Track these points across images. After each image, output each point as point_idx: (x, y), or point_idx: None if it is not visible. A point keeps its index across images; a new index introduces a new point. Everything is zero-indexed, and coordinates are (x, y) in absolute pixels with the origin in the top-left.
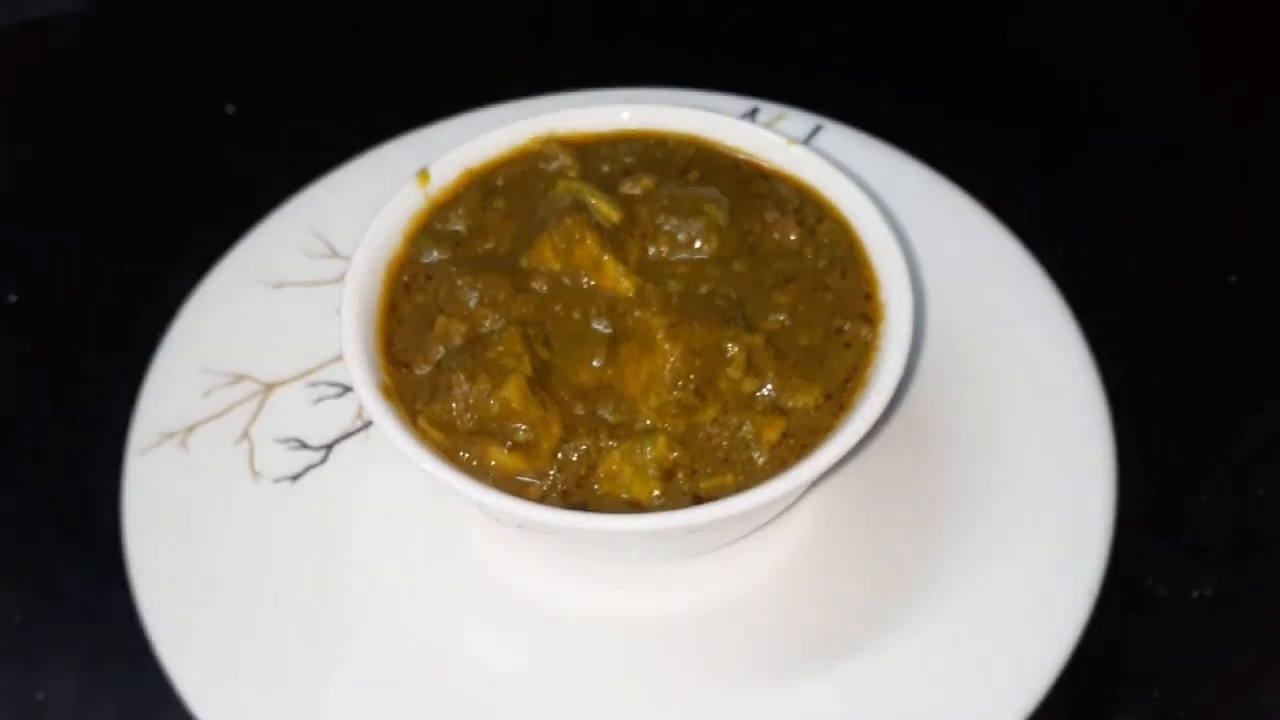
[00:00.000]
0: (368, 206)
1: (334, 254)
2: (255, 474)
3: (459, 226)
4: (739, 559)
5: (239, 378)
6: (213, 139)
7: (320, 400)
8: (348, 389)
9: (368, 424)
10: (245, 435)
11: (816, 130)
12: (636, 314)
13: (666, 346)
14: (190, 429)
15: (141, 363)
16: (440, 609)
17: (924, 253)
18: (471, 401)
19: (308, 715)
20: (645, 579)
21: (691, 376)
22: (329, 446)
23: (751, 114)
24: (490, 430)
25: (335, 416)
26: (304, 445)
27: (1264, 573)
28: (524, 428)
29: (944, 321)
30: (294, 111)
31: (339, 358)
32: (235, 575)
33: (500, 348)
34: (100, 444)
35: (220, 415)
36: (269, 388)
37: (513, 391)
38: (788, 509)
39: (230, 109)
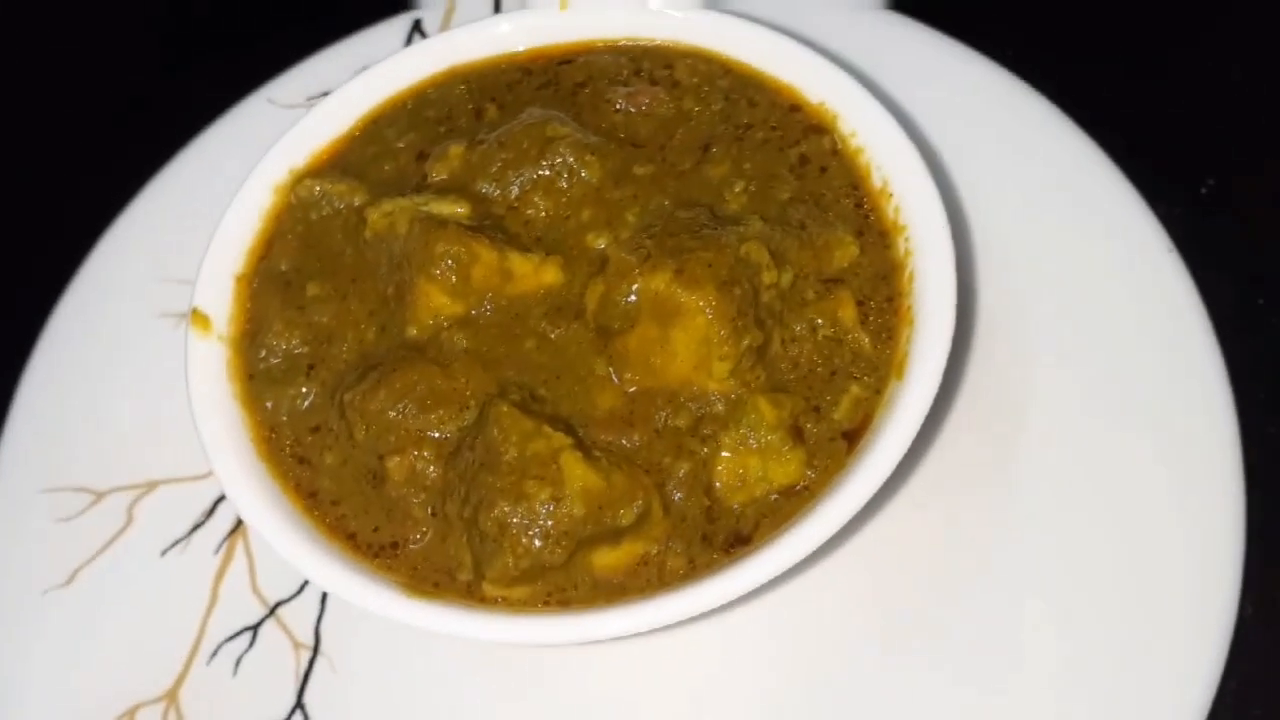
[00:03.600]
0: (92, 422)
1: (98, 497)
2: None
3: (294, 347)
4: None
5: None
6: None
7: (237, 669)
8: (252, 627)
9: (314, 654)
10: None
11: None
12: (629, 288)
13: (693, 298)
14: None
15: None
16: None
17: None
18: (546, 521)
19: None
20: None
21: (743, 309)
22: (298, 705)
23: (417, 25)
24: (586, 539)
25: (271, 672)
26: None
27: None
28: (620, 506)
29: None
30: None
31: (199, 637)
32: None
33: (512, 438)
34: None
35: None
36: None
37: (580, 473)
38: None
39: None
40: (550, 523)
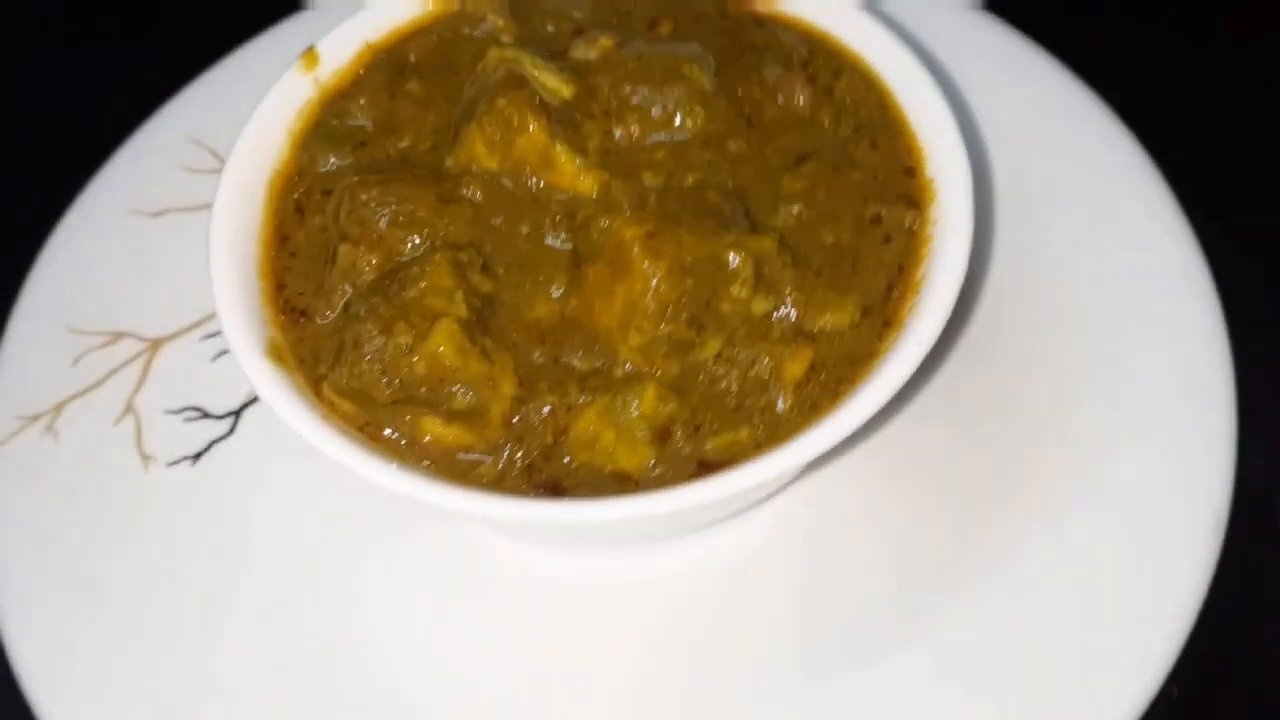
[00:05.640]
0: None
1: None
2: (145, 457)
3: (362, 121)
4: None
5: (115, 335)
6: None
7: (220, 355)
8: None
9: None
10: (129, 409)
11: None
12: (603, 223)
13: (645, 265)
14: (59, 407)
15: None
16: (387, 609)
17: (980, 112)
18: (388, 361)
19: None
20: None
21: (683, 301)
22: (236, 413)
23: None
24: (418, 397)
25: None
26: (205, 414)
27: None
28: (463, 389)
29: (1015, 207)
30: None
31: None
32: (122, 590)
33: (423, 284)
34: None
35: (95, 386)
36: (155, 345)
37: (443, 342)
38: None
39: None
40: (391, 362)
